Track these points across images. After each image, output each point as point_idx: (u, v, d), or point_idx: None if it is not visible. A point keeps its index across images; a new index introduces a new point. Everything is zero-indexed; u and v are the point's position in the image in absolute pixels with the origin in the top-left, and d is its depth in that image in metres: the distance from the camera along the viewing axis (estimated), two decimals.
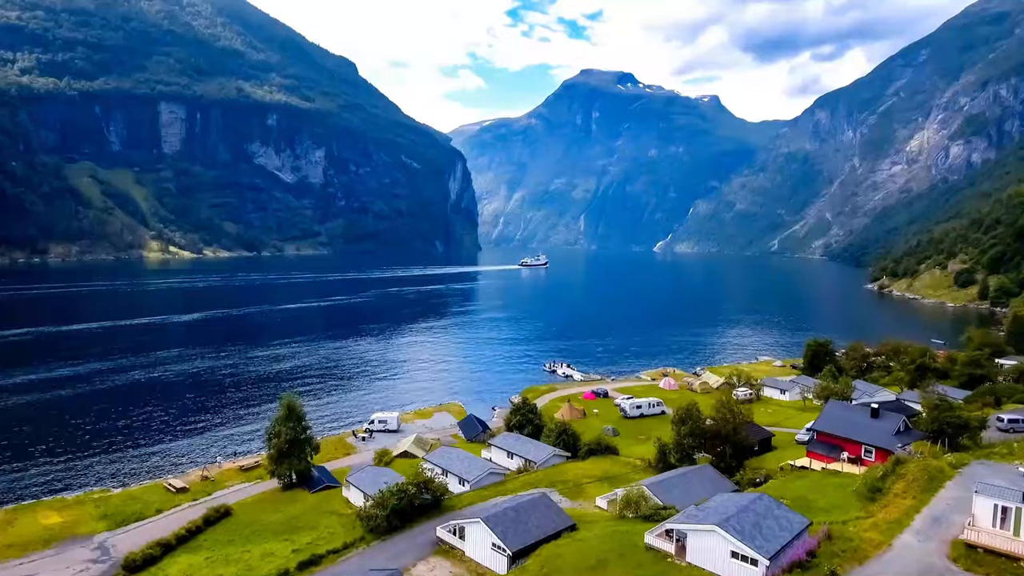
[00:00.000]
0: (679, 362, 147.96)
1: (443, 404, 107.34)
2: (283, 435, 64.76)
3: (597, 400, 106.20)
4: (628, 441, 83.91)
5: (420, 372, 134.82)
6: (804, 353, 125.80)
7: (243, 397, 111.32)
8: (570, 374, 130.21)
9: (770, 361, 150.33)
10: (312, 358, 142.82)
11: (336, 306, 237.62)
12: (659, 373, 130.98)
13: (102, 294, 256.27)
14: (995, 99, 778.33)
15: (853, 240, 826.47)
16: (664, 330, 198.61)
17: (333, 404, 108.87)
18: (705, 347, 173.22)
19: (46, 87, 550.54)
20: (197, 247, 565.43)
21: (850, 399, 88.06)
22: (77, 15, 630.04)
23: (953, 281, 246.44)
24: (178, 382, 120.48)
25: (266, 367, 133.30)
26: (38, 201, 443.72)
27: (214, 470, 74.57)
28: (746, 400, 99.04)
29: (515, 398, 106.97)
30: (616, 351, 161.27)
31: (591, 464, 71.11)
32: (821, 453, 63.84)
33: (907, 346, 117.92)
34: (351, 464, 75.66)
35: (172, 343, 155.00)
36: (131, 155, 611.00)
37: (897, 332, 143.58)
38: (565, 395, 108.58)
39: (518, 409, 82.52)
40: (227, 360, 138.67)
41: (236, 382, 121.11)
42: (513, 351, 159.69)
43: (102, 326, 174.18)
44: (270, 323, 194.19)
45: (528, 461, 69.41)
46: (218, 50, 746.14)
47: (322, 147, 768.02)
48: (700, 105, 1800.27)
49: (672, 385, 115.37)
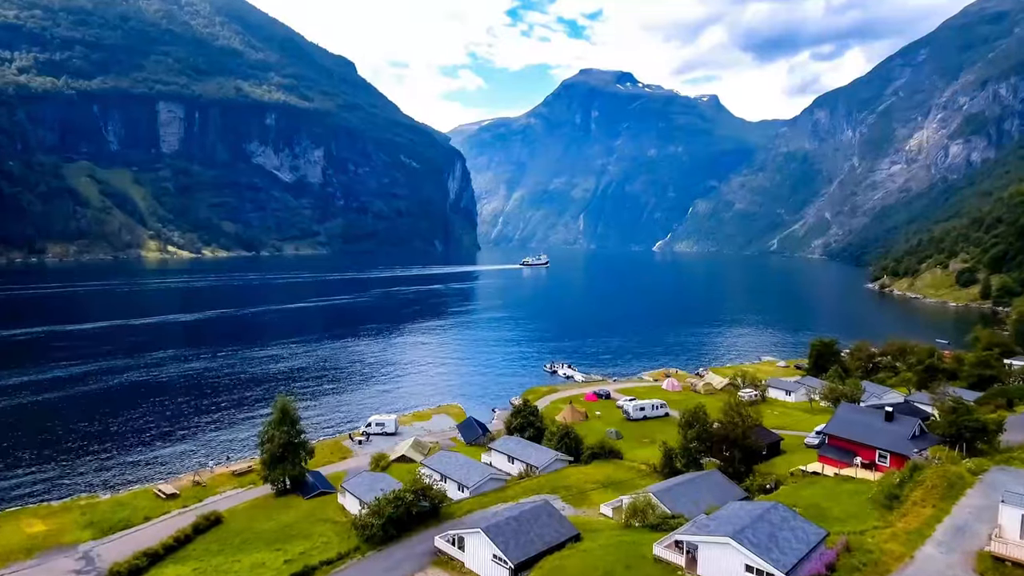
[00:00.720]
0: (681, 363, 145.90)
1: (442, 406, 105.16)
2: (276, 439, 62.57)
3: (599, 402, 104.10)
4: (632, 444, 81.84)
5: (418, 373, 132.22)
6: (809, 353, 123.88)
7: (237, 399, 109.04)
8: (571, 375, 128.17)
9: (773, 362, 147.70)
10: (309, 359, 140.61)
11: (334, 306, 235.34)
12: (661, 374, 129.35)
13: (97, 294, 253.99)
14: (994, 98, 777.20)
15: (852, 239, 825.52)
16: (665, 330, 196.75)
17: (329, 406, 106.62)
18: (707, 347, 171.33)
19: (44, 86, 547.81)
20: (196, 247, 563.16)
21: (859, 401, 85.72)
22: (75, 14, 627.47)
23: (955, 280, 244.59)
24: (172, 384, 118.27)
25: (262, 368, 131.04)
26: (35, 200, 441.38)
27: (206, 475, 72.31)
28: (751, 402, 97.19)
29: (515, 400, 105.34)
30: (617, 351, 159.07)
31: (594, 468, 68.93)
32: (833, 458, 61.23)
33: (913, 346, 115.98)
34: (347, 468, 73.62)
35: (167, 344, 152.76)
36: (129, 154, 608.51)
37: (900, 332, 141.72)
38: (566, 396, 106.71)
39: (519, 411, 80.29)
40: (222, 361, 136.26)
41: (231, 384, 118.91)
42: (513, 351, 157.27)
43: (96, 327, 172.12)
44: (267, 324, 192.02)
45: (530, 466, 67.47)
46: (216, 49, 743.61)
47: (321, 147, 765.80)
48: (699, 105, 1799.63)
49: (675, 386, 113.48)
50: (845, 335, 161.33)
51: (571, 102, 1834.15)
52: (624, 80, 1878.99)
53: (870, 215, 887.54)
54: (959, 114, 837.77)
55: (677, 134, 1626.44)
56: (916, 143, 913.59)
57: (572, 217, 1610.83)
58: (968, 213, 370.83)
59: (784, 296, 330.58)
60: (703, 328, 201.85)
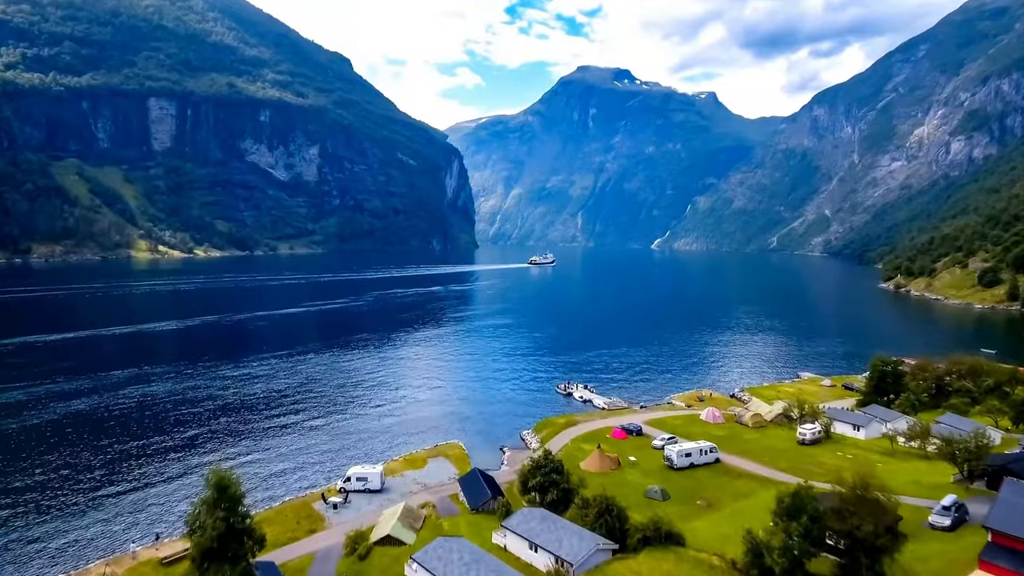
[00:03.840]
0: (707, 378, 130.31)
1: (439, 446, 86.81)
2: (209, 528, 43.23)
3: (629, 440, 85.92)
4: (682, 509, 62.77)
5: (412, 400, 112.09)
6: (869, 375, 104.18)
7: (191, 439, 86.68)
8: (589, 398, 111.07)
9: (816, 380, 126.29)
10: (288, 380, 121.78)
11: (325, 313, 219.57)
12: (693, 397, 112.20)
13: (73, 299, 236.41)
14: (996, 94, 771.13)
15: (854, 237, 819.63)
16: (681, 337, 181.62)
17: (302, 448, 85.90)
18: (731, 359, 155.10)
19: (31, 82, 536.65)
20: (188, 246, 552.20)
21: (984, 453, 64.12)
22: (64, 9, 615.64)
23: (977, 280, 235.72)
24: (118, 417, 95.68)
25: (233, 392, 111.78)
26: (21, 200, 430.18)
27: (124, 563, 53.04)
28: (813, 440, 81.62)
29: (527, 435, 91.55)
30: (634, 365, 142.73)
31: (649, 562, 49.81)
32: (1006, 567, 42.52)
33: (985, 364, 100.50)
34: (315, 550, 55.95)
35: (132, 360, 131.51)
36: (120, 152, 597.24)
37: (933, 339, 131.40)
38: (589, 431, 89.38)
39: (538, 467, 64.12)
40: (188, 383, 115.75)
41: (188, 416, 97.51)
42: (520, 367, 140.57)
43: (60, 339, 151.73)
44: (250, 333, 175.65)
45: (561, 560, 49.73)
46: (210, 45, 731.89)
47: (316, 144, 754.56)
48: (697, 102, 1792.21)
49: (716, 417, 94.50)
50: (875, 343, 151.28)
51: (569, 99, 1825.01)
52: (622, 77, 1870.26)
53: (871, 212, 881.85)
54: (960, 110, 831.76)
55: (675, 131, 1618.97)
56: (917, 139, 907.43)
57: (570, 215, 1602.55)
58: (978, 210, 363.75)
59: (796, 297, 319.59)
60: (721, 335, 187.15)
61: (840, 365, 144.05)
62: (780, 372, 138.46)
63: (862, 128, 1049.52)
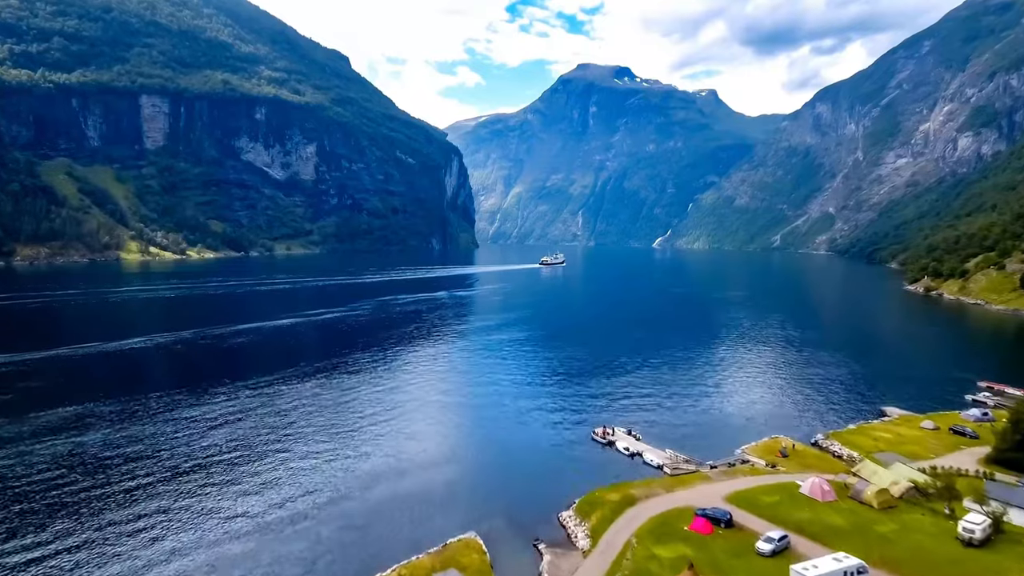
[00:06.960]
0: (762, 409, 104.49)
1: (449, 544, 57.87)
2: None
3: (717, 534, 58.60)
4: None
5: (410, 464, 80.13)
6: (1010, 426, 75.97)
7: (127, 516, 62.74)
8: (638, 451, 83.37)
9: (912, 419, 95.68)
10: (253, 423, 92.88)
11: (317, 325, 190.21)
12: (772, 449, 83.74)
13: (44, 309, 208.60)
14: (1004, 89, 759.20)
15: (860, 235, 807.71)
16: (716, 353, 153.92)
17: (263, 562, 55.43)
18: (783, 384, 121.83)
19: (19, 79, 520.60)
20: (180, 247, 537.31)
21: None
22: (53, 4, 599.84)
23: (1019, 283, 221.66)
24: (12, 493, 67.10)
25: (183, 448, 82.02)
26: (6, 200, 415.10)
27: None
28: (983, 539, 54.76)
29: (569, 519, 64.53)
30: (675, 394, 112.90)
31: None
32: None
33: None
34: None
35: (72, 392, 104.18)
36: (111, 151, 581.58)
37: (1014, 357, 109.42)
38: (656, 514, 63.41)
39: None
40: (128, 431, 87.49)
41: (95, 488, 68.65)
42: (542, 402, 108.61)
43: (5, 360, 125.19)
44: (228, 353, 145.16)
45: None
46: (204, 42, 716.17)
47: (313, 142, 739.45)
48: (698, 100, 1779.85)
49: (826, 493, 66.04)
50: (945, 363, 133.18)
51: (569, 97, 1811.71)
52: (622, 75, 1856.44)
53: (876, 210, 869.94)
54: (967, 106, 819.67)
55: (676, 129, 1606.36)
56: (922, 136, 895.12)
57: (571, 213, 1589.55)
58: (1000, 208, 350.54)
59: (820, 301, 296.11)
60: (761, 351, 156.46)
61: (916, 393, 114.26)
62: (857, 406, 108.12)
63: (866, 125, 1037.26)
